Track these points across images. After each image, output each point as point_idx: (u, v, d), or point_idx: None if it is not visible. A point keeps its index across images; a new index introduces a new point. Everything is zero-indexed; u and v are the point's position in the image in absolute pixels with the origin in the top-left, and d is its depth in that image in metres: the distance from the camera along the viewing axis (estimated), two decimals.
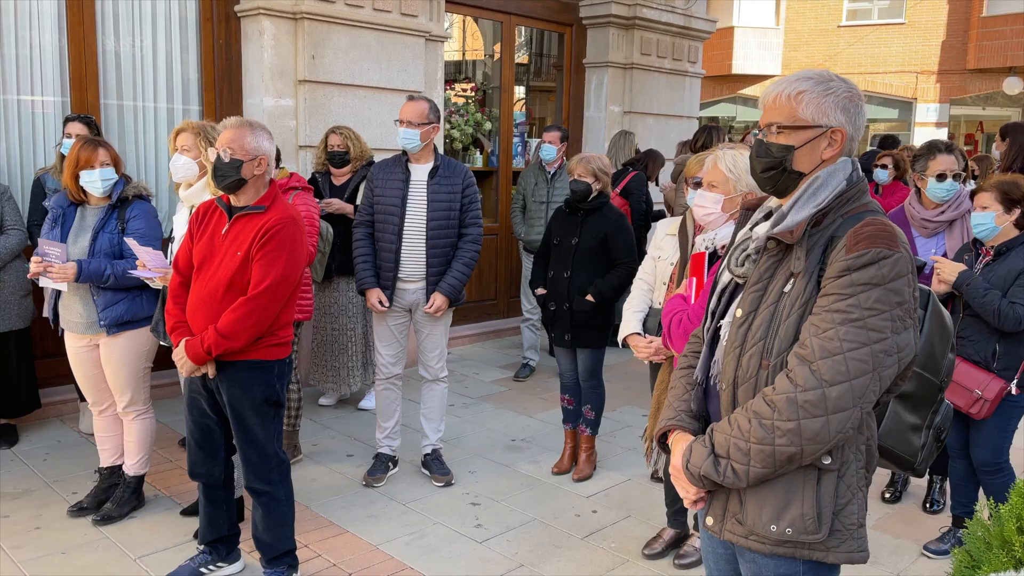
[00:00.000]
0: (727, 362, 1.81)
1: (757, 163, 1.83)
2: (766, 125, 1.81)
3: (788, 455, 1.66)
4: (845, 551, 1.73)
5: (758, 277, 1.80)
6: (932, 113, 20.44)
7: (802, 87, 1.77)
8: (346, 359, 5.21)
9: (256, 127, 3.04)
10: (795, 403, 1.64)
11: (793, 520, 1.71)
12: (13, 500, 3.92)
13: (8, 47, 4.94)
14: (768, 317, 1.75)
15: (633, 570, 3.49)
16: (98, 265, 3.49)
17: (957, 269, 3.37)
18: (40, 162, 5.07)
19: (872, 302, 1.62)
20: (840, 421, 1.63)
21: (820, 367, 1.63)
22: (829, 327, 1.64)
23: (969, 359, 3.38)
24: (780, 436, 1.65)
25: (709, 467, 1.74)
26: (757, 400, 1.71)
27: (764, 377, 1.73)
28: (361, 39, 5.84)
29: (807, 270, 1.71)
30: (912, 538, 3.78)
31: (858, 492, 1.74)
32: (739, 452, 1.70)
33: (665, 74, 8.41)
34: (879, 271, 1.63)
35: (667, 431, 1.94)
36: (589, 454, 4.44)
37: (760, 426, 1.67)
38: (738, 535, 1.79)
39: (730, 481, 1.73)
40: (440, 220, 4.07)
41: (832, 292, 1.65)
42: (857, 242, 1.65)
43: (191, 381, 3.10)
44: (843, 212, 1.74)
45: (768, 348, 1.73)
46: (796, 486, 1.71)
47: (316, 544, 3.59)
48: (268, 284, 2.91)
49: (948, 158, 3.78)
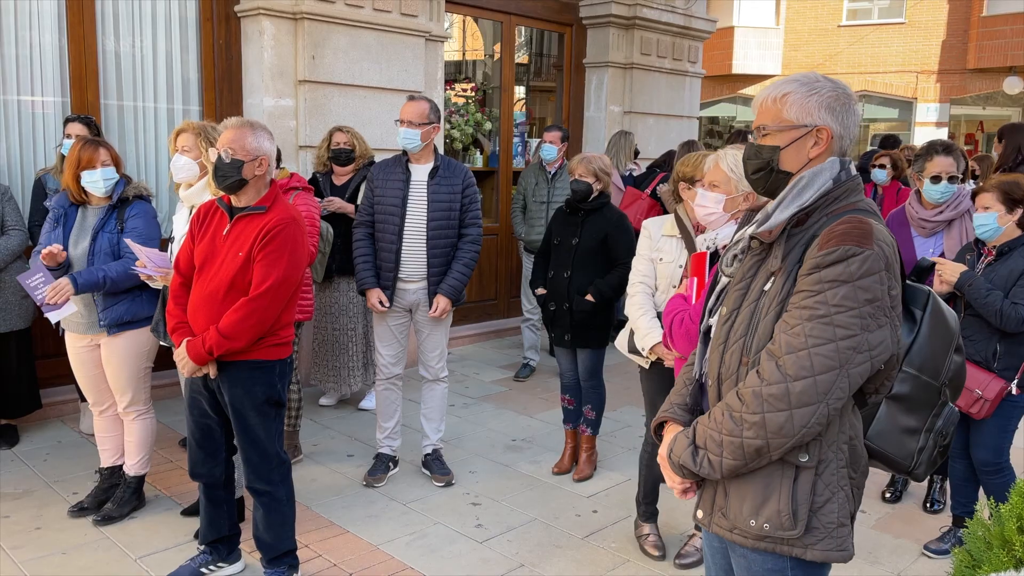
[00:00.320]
0: (712, 358, 1.86)
1: (748, 165, 1.88)
2: (756, 128, 1.87)
3: (755, 447, 1.69)
4: (823, 549, 1.74)
5: (742, 276, 1.86)
6: (932, 113, 20.43)
7: (787, 89, 1.81)
8: (347, 359, 5.21)
9: (257, 127, 3.04)
10: (760, 396, 1.67)
11: (770, 516, 1.74)
12: (14, 500, 3.92)
13: (8, 47, 4.94)
14: (749, 315, 1.79)
15: (633, 570, 3.49)
16: (91, 274, 3.48)
17: (959, 270, 3.38)
18: (40, 162, 5.08)
19: (839, 299, 1.63)
20: (804, 416, 1.65)
21: (785, 362, 1.65)
22: (796, 323, 1.66)
23: (970, 359, 3.38)
24: (747, 428, 1.68)
25: (688, 457, 1.78)
26: (730, 394, 1.75)
27: (744, 373, 1.76)
28: (361, 39, 5.84)
29: (785, 269, 1.74)
30: (912, 538, 3.78)
31: (839, 491, 1.74)
32: (713, 443, 1.74)
33: (665, 74, 8.42)
34: (847, 268, 1.64)
35: (662, 422, 2.00)
36: (590, 454, 4.44)
37: (730, 418, 1.71)
38: (724, 528, 1.83)
39: (706, 471, 1.76)
40: (441, 220, 4.08)
41: (802, 289, 1.68)
42: (828, 240, 1.67)
43: (192, 381, 3.10)
44: (828, 211, 1.76)
45: (748, 345, 1.77)
46: (774, 482, 1.74)
47: (316, 544, 3.60)
48: (270, 284, 2.91)
49: (945, 160, 3.79)
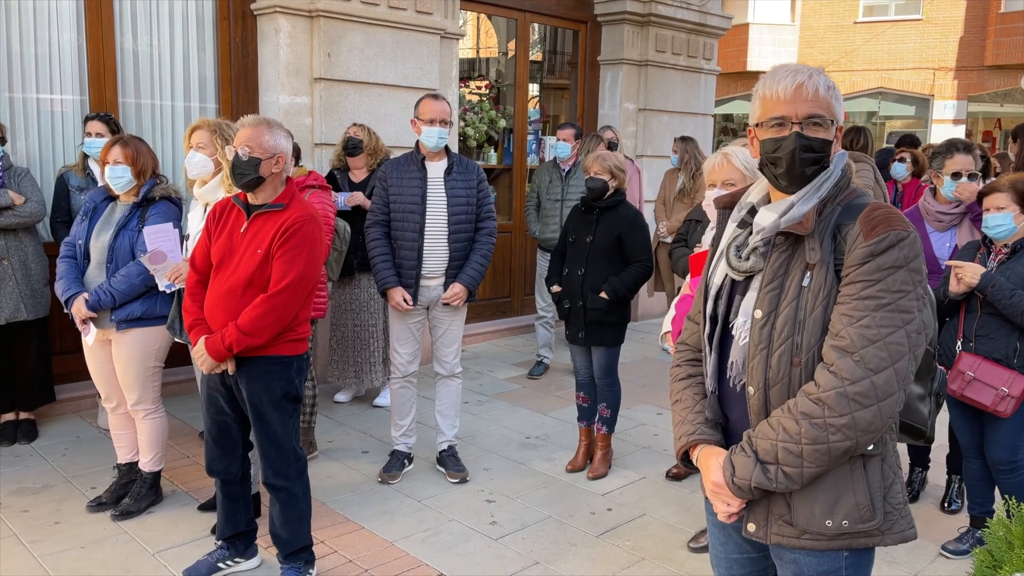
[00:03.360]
0: (754, 365, 1.75)
1: (802, 158, 1.72)
2: (806, 117, 1.71)
3: (843, 449, 1.65)
4: (899, 531, 1.75)
5: (772, 275, 1.74)
6: (949, 110, 20.27)
7: (829, 82, 1.75)
8: (368, 355, 5.23)
9: (274, 125, 3.05)
10: (846, 396, 1.62)
11: (848, 512, 1.70)
12: (33, 495, 3.95)
13: (27, 46, 4.99)
14: (792, 314, 1.71)
15: (648, 568, 3.48)
16: (95, 296, 3.53)
17: (979, 271, 3.34)
18: (59, 160, 5.13)
19: (899, 284, 1.63)
20: (890, 407, 1.64)
21: (863, 356, 1.62)
22: (863, 315, 1.63)
23: (990, 357, 3.36)
24: (834, 432, 1.64)
25: (760, 476, 1.70)
26: (801, 400, 1.67)
27: (797, 375, 1.71)
28: (376, 37, 5.85)
29: (823, 260, 1.70)
30: (930, 538, 3.75)
31: (898, 471, 1.77)
32: (790, 455, 1.67)
33: (680, 71, 8.38)
34: (901, 252, 1.64)
35: (689, 447, 1.89)
36: (604, 452, 4.43)
37: (812, 426, 1.64)
38: (788, 536, 1.76)
39: (783, 486, 1.70)
40: (461, 216, 4.11)
41: (859, 280, 1.65)
42: (873, 227, 1.65)
43: (209, 378, 3.12)
44: (839, 200, 1.75)
45: (797, 344, 1.70)
46: (844, 478, 1.71)
47: (332, 540, 3.61)
48: (289, 281, 2.92)
49: (965, 158, 3.82)
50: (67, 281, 3.62)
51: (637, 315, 7.97)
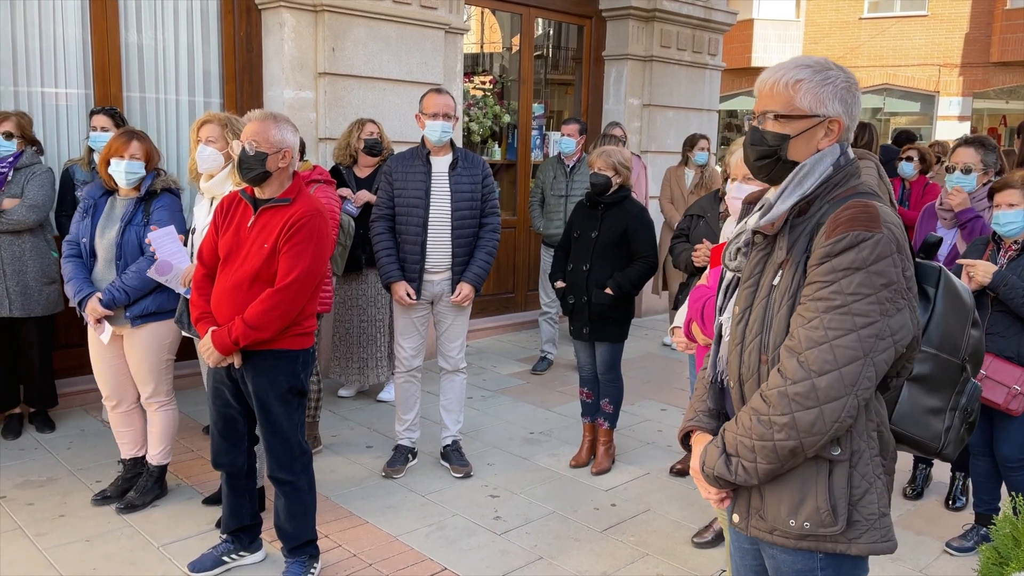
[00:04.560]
0: (731, 359, 1.80)
1: (751, 151, 1.78)
2: (761, 112, 1.76)
3: (789, 448, 1.64)
4: (867, 542, 1.70)
5: (750, 272, 1.79)
6: (955, 107, 20.19)
7: (800, 75, 1.72)
8: (374, 350, 5.23)
9: (280, 120, 3.06)
10: (786, 396, 1.62)
11: (809, 514, 1.70)
12: (38, 488, 3.96)
13: (32, 40, 4.98)
14: (762, 311, 1.73)
15: (652, 564, 3.48)
16: (109, 295, 3.54)
17: (991, 270, 3.32)
18: (64, 154, 5.13)
19: (855, 287, 1.59)
20: (834, 410, 1.61)
21: (807, 357, 1.61)
22: (813, 316, 1.62)
23: (1001, 354, 3.35)
24: (778, 431, 1.64)
25: (722, 467, 1.73)
26: (755, 396, 1.70)
27: (765, 372, 1.72)
28: (381, 31, 5.84)
29: (792, 260, 1.69)
30: (934, 535, 3.75)
31: (876, 481, 1.71)
32: (746, 449, 1.69)
33: (685, 67, 8.36)
34: (859, 255, 1.59)
35: (689, 432, 1.94)
36: (608, 447, 4.44)
37: (759, 422, 1.66)
38: (763, 531, 1.78)
39: (742, 479, 1.72)
40: (465, 211, 4.11)
41: (814, 280, 1.63)
42: (835, 227, 1.62)
43: (215, 371, 3.12)
44: (830, 197, 1.71)
45: (765, 343, 1.72)
46: (809, 480, 1.70)
47: (336, 535, 3.62)
48: (296, 276, 2.93)
49: (965, 150, 3.96)
50: (78, 282, 3.61)
51: (641, 311, 7.96)
